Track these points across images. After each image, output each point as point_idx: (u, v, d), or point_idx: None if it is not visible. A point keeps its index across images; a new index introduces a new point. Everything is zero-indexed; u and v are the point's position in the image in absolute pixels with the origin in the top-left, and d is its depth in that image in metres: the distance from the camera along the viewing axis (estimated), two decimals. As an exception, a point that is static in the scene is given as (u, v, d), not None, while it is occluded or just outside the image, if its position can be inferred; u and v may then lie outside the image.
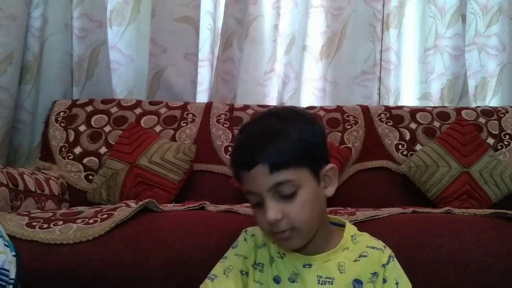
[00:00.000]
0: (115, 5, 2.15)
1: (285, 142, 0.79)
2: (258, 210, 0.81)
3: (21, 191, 1.36)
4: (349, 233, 0.88)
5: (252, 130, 0.84)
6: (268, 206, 0.78)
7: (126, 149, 1.71)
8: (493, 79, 2.27)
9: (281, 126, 0.81)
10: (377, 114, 1.94)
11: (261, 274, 0.86)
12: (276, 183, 0.78)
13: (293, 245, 0.81)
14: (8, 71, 1.78)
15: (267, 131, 0.81)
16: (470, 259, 1.06)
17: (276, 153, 0.78)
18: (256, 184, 0.79)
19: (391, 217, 1.16)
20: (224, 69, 2.10)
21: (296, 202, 0.78)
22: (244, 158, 0.81)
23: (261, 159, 0.78)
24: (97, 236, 1.05)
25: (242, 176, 0.81)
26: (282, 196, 0.78)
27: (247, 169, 0.79)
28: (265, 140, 0.80)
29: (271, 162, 0.78)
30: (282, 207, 0.78)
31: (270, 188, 0.78)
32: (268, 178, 0.78)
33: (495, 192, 1.68)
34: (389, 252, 0.87)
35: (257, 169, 0.78)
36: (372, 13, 2.20)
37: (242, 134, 0.86)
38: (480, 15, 2.28)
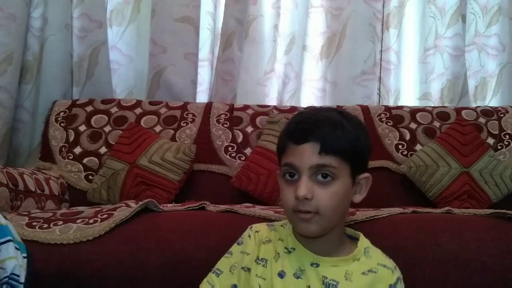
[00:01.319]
0: (115, 5, 2.15)
1: (342, 132, 0.83)
2: (289, 185, 0.84)
3: (21, 191, 1.36)
4: (363, 245, 0.89)
5: (312, 113, 0.89)
6: (303, 182, 0.81)
7: (126, 149, 1.71)
8: (493, 79, 2.27)
9: (341, 119, 0.85)
10: (377, 114, 1.94)
11: (264, 269, 0.87)
12: (320, 164, 0.81)
13: (310, 229, 0.83)
14: (8, 71, 1.78)
15: (327, 118, 0.85)
16: (470, 259, 1.06)
17: (331, 137, 0.82)
18: (301, 159, 0.82)
19: (391, 217, 1.16)
20: (224, 69, 2.10)
21: (329, 190, 0.82)
22: (298, 131, 0.84)
23: (315, 137, 0.82)
24: (97, 236, 1.06)
25: (287, 149, 0.85)
26: (318, 179, 0.82)
27: (298, 142, 0.83)
28: (323, 123, 0.84)
29: (323, 143, 0.82)
30: (315, 189, 0.81)
31: (312, 167, 0.81)
32: (314, 157, 0.81)
33: (495, 192, 1.68)
34: (398, 273, 0.88)
35: (307, 145, 0.82)
36: (372, 13, 2.20)
37: (301, 114, 0.91)
38: (480, 15, 2.28)
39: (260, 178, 1.63)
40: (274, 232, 0.91)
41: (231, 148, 1.83)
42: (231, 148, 1.83)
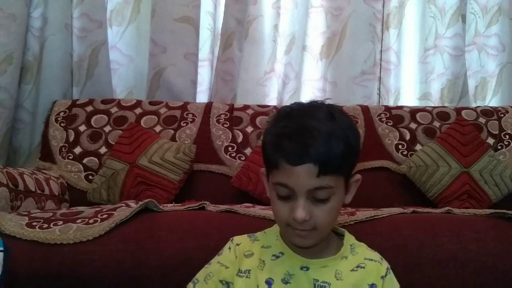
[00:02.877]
0: (115, 5, 2.15)
1: (336, 145, 0.77)
2: (283, 203, 0.79)
3: (21, 191, 1.36)
4: (348, 242, 0.88)
5: (301, 123, 0.80)
6: (300, 205, 0.77)
7: (126, 149, 1.71)
8: (493, 79, 2.27)
9: (332, 125, 0.79)
10: (377, 114, 1.94)
11: (248, 280, 0.84)
12: (318, 186, 0.77)
13: (306, 243, 0.81)
14: (8, 71, 1.78)
15: (319, 130, 0.78)
16: (470, 259, 1.06)
17: (328, 157, 0.77)
18: (298, 181, 0.77)
19: (391, 217, 1.16)
20: (224, 69, 2.10)
21: (326, 207, 0.78)
22: (293, 151, 0.77)
23: (314, 159, 0.76)
24: (97, 236, 1.06)
25: (279, 167, 0.78)
26: (315, 200, 0.78)
27: (293, 163, 0.77)
28: (318, 139, 0.77)
29: (321, 166, 0.76)
30: (311, 208, 0.77)
31: (309, 191, 0.77)
32: (312, 180, 0.76)
33: (495, 192, 1.68)
34: (386, 264, 0.87)
35: (304, 167, 0.76)
36: (372, 13, 2.20)
37: (289, 121, 0.81)
38: (480, 15, 2.28)
39: (261, 178, 1.62)
40: (256, 242, 0.89)
41: (231, 148, 1.83)
42: (231, 148, 1.83)
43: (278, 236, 0.88)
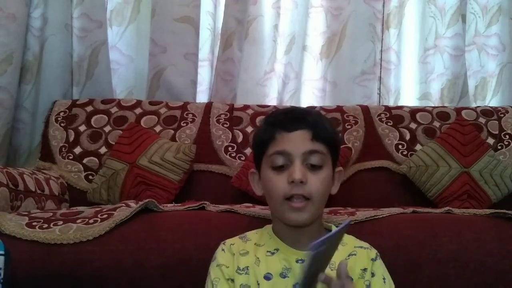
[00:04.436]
0: (115, 5, 2.15)
1: (328, 123, 0.92)
2: (278, 174, 0.86)
3: (21, 191, 1.36)
4: None
5: (293, 107, 0.99)
6: (297, 166, 0.84)
7: (126, 149, 1.71)
8: (493, 79, 2.26)
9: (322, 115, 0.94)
10: (377, 114, 1.94)
11: (247, 276, 0.86)
12: (312, 149, 0.86)
13: (302, 217, 0.85)
14: (8, 71, 1.78)
15: (312, 111, 0.94)
16: (470, 259, 1.06)
17: (321, 126, 0.89)
18: (294, 145, 0.86)
19: (391, 217, 1.16)
20: (224, 69, 2.10)
21: (319, 176, 0.86)
22: (289, 120, 0.89)
23: (307, 125, 0.87)
24: (97, 236, 1.06)
25: (276, 137, 0.87)
26: (310, 165, 0.86)
27: (289, 130, 0.87)
28: (311, 113, 0.91)
29: (315, 131, 0.87)
30: (307, 174, 0.85)
31: (305, 152, 0.86)
32: (307, 143, 0.86)
33: (495, 192, 1.68)
34: (375, 251, 0.91)
35: (299, 133, 0.87)
36: (372, 13, 2.20)
37: (281, 109, 1.00)
38: (480, 15, 2.27)
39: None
40: (249, 242, 0.91)
41: (231, 148, 1.83)
42: (231, 148, 1.83)
43: (271, 234, 0.91)
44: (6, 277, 0.82)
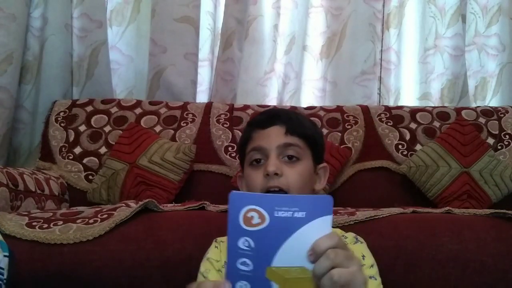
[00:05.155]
0: (115, 5, 2.15)
1: (303, 119, 0.95)
2: (256, 169, 0.89)
3: (21, 191, 1.36)
4: None
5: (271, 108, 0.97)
6: (272, 159, 0.87)
7: (126, 149, 1.71)
8: (493, 79, 2.27)
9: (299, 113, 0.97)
10: (377, 114, 1.94)
11: None
12: (287, 143, 0.88)
13: None
14: (8, 71, 1.78)
15: (288, 109, 0.97)
16: (470, 259, 1.06)
17: (295, 121, 0.91)
18: (268, 141, 0.89)
19: (391, 217, 1.16)
20: (224, 69, 2.10)
21: (296, 169, 0.88)
22: (264, 117, 0.93)
23: (281, 121, 0.91)
24: (97, 236, 1.05)
25: (253, 136, 0.91)
26: (285, 159, 0.88)
27: (264, 126, 0.91)
28: (286, 111, 0.97)
29: (289, 125, 0.90)
30: (283, 167, 0.87)
31: (279, 146, 0.88)
32: (281, 137, 0.89)
33: (495, 192, 1.68)
34: (360, 238, 0.91)
35: (274, 128, 0.90)
36: (372, 13, 2.20)
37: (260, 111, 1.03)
38: (480, 15, 2.28)
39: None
40: None
41: (231, 148, 1.83)
42: (231, 148, 1.83)
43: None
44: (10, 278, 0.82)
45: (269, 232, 0.57)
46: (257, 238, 0.58)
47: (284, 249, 0.58)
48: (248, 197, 0.58)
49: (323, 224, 0.58)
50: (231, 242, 0.58)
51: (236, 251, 0.58)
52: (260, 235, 0.57)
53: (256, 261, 0.58)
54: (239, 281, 0.58)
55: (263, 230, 0.57)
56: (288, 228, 0.58)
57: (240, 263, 0.58)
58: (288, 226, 0.58)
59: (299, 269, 0.58)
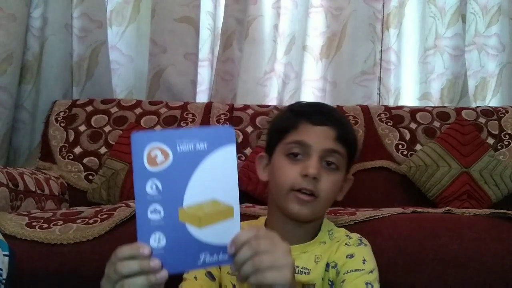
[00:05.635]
0: (115, 5, 2.15)
1: (351, 126, 0.92)
2: (292, 163, 0.84)
3: (21, 191, 1.36)
4: (326, 228, 0.90)
5: (319, 102, 0.99)
6: (314, 161, 0.82)
7: (126, 149, 1.71)
8: (493, 79, 2.26)
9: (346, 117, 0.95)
10: (377, 114, 1.94)
11: None
12: (333, 149, 0.84)
13: (304, 212, 0.83)
14: (8, 71, 1.78)
15: (339, 111, 0.92)
16: (470, 259, 1.06)
17: (346, 128, 0.88)
18: (316, 139, 0.83)
19: (391, 217, 1.16)
20: (224, 69, 2.10)
21: (332, 177, 0.84)
22: (317, 113, 0.87)
23: (333, 123, 0.85)
24: (97, 236, 1.06)
25: (299, 127, 0.85)
26: (325, 165, 0.84)
27: (315, 123, 0.85)
28: (338, 113, 0.90)
29: (340, 131, 0.85)
30: (321, 171, 0.83)
31: (325, 150, 0.83)
32: (330, 141, 0.84)
33: (495, 192, 1.68)
34: (364, 240, 0.89)
35: (324, 129, 0.85)
36: (372, 13, 2.20)
37: (306, 102, 0.97)
38: (480, 15, 2.28)
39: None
40: None
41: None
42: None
43: (263, 226, 0.90)
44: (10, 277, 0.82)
45: (175, 169, 0.57)
46: (163, 178, 0.57)
47: (192, 185, 0.57)
48: (150, 135, 0.57)
49: (227, 154, 0.58)
50: (138, 189, 0.57)
51: (145, 197, 0.57)
52: (166, 174, 0.57)
53: (167, 205, 0.57)
54: (152, 234, 0.58)
55: (169, 169, 0.56)
56: (192, 162, 0.57)
57: (150, 211, 0.57)
58: (191, 159, 0.57)
59: (211, 203, 0.58)
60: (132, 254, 0.57)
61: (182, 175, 0.57)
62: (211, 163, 0.57)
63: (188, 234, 0.57)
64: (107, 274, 0.59)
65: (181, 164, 0.57)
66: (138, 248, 0.56)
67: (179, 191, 0.57)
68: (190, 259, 0.58)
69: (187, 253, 0.58)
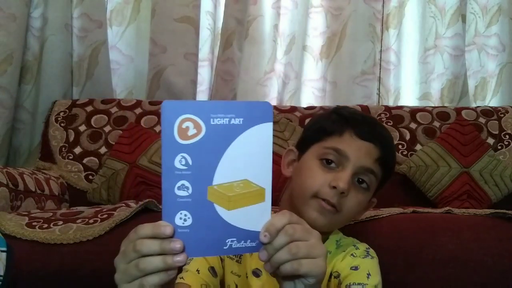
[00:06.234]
0: (115, 5, 2.15)
1: (394, 149, 0.88)
2: (323, 169, 0.80)
3: (21, 191, 1.36)
4: (334, 238, 0.88)
5: (369, 116, 0.93)
6: (347, 176, 0.78)
7: (126, 149, 1.71)
8: (493, 79, 2.26)
9: (391, 137, 0.89)
10: (377, 114, 1.94)
11: (239, 265, 0.83)
12: (371, 169, 0.80)
13: (321, 221, 0.79)
14: (8, 71, 1.78)
15: (388, 131, 0.87)
16: (470, 259, 1.06)
17: (390, 149, 0.84)
18: (357, 154, 0.79)
19: (391, 217, 1.16)
20: (224, 69, 2.10)
21: (359, 196, 0.80)
22: (366, 126, 0.82)
23: (380, 142, 0.81)
24: (97, 236, 1.05)
25: (344, 135, 0.81)
26: (357, 181, 0.80)
27: (362, 136, 0.80)
28: (387, 131, 0.86)
29: (384, 152, 0.81)
30: (351, 188, 0.79)
31: (362, 167, 0.79)
32: (370, 160, 0.80)
33: (495, 192, 1.68)
34: (371, 252, 0.86)
35: (368, 145, 0.80)
36: (372, 13, 2.20)
37: (354, 110, 0.91)
38: (480, 15, 2.28)
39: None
40: None
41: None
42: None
43: None
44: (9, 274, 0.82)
45: (206, 143, 0.52)
46: (194, 152, 0.52)
47: (224, 162, 0.53)
48: (182, 105, 0.52)
49: (263, 132, 0.53)
50: (166, 163, 0.52)
51: (173, 172, 0.52)
52: (197, 148, 0.52)
53: (196, 182, 0.53)
54: (178, 212, 0.53)
55: (200, 142, 0.52)
56: (225, 137, 0.53)
57: (178, 187, 0.53)
58: (225, 134, 0.53)
59: (242, 183, 0.54)
60: (154, 233, 0.53)
61: (214, 150, 0.53)
62: (245, 140, 0.53)
63: (216, 215, 0.53)
64: (123, 252, 0.57)
65: (213, 139, 0.52)
66: (160, 227, 0.52)
67: (210, 168, 0.53)
68: (216, 243, 0.54)
69: (213, 236, 0.54)
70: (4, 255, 0.83)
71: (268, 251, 0.53)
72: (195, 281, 0.77)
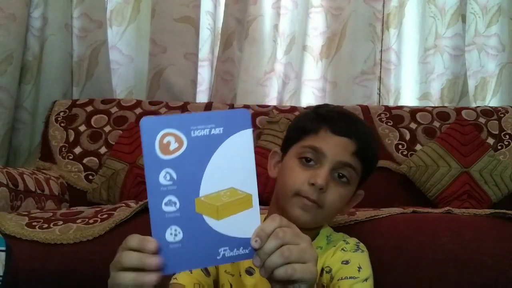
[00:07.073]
0: (115, 5, 2.15)
1: (375, 142, 0.87)
2: (302, 168, 0.81)
3: (21, 191, 1.36)
4: (324, 234, 0.89)
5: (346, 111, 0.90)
6: (325, 171, 0.79)
7: (126, 149, 1.71)
8: (493, 79, 2.27)
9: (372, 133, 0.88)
10: (377, 114, 1.94)
11: (232, 264, 0.84)
12: (348, 163, 0.81)
13: (304, 218, 0.80)
14: (8, 71, 1.78)
15: (366, 125, 0.87)
16: (470, 259, 1.06)
17: (368, 142, 0.84)
18: (332, 150, 0.80)
19: (391, 217, 1.16)
20: (224, 69, 2.10)
21: (340, 190, 0.82)
22: (341, 122, 0.83)
23: (356, 137, 0.82)
24: (97, 236, 1.05)
25: (320, 132, 0.82)
26: (335, 177, 0.81)
27: (337, 132, 0.82)
28: (364, 127, 0.86)
29: (361, 146, 0.82)
30: (329, 183, 0.80)
31: (339, 162, 0.81)
32: (347, 155, 0.81)
33: (495, 192, 1.68)
34: (361, 245, 0.87)
35: (344, 140, 0.82)
36: (372, 13, 2.20)
37: (334, 107, 0.92)
38: (480, 15, 2.28)
39: (260, 178, 1.62)
40: None
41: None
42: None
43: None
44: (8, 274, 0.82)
45: (189, 156, 0.52)
46: (178, 166, 0.52)
47: (208, 173, 0.53)
48: (161, 120, 0.52)
49: (244, 139, 0.55)
50: (151, 180, 0.52)
51: (159, 189, 0.52)
52: (180, 162, 0.52)
53: (182, 196, 0.53)
54: (168, 228, 0.53)
55: (183, 156, 0.52)
56: (207, 148, 0.53)
57: (165, 203, 0.53)
58: (207, 145, 0.53)
59: (229, 192, 0.54)
60: (139, 246, 0.54)
61: (197, 162, 0.53)
62: (227, 148, 0.54)
63: (207, 226, 0.54)
64: (116, 259, 0.57)
65: (196, 151, 0.53)
66: (146, 242, 0.53)
67: (195, 180, 0.53)
68: (209, 254, 0.54)
69: (205, 247, 0.54)
70: (3, 254, 0.83)
71: (261, 256, 0.53)
72: (189, 281, 0.77)
